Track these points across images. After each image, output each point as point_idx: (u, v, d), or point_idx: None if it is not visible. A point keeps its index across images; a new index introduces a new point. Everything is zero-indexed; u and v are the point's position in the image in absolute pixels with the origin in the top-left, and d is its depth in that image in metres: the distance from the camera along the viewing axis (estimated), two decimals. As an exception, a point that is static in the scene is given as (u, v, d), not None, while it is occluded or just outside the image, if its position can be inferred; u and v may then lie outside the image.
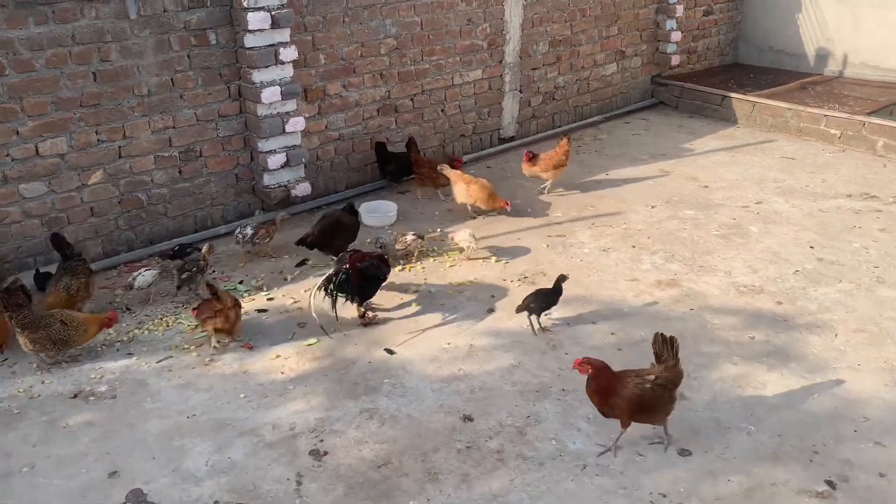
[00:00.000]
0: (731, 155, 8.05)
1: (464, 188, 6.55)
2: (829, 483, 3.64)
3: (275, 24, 6.00)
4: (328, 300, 5.00)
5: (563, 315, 5.11)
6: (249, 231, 5.85)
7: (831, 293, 5.30)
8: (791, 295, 5.31)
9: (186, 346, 4.86)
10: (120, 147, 5.80)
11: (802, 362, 4.55)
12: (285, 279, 5.72)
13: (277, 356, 4.76)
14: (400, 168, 7.16)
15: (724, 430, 4.02)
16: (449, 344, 4.84)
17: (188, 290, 5.37)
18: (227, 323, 4.77)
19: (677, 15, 9.47)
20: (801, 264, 5.71)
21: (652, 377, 3.76)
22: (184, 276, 5.32)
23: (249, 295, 5.50)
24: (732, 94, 9.10)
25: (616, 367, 4.38)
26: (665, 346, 3.84)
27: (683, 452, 3.88)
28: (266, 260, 5.98)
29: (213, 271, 5.83)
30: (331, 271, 5.07)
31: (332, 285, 4.98)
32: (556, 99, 8.79)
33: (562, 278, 4.95)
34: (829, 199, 6.85)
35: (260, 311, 5.30)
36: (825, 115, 8.30)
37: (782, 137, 8.52)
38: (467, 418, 4.15)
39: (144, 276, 5.33)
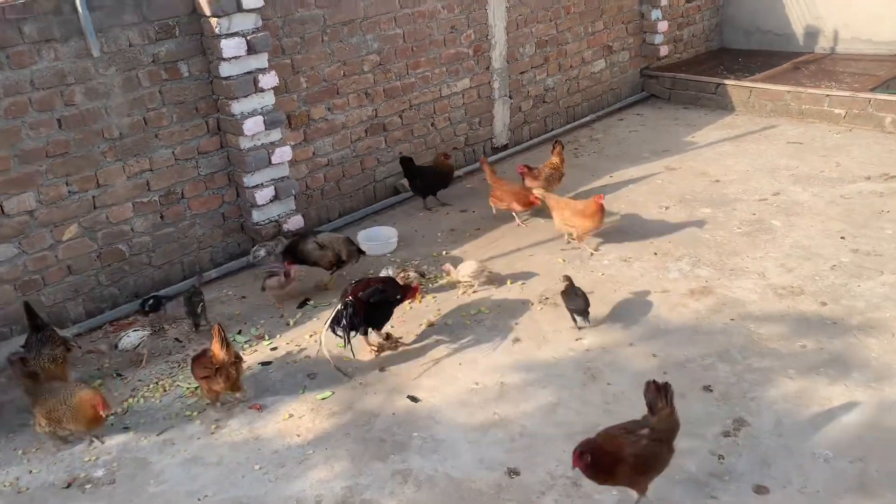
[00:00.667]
0: (735, 145, 7.70)
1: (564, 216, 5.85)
2: (931, 513, 3.26)
3: (251, 49, 5.54)
4: (340, 340, 4.57)
5: (598, 340, 4.70)
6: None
7: (876, 288, 4.94)
8: (834, 293, 4.94)
9: (188, 413, 4.39)
10: (94, 197, 5.32)
11: (865, 370, 4.18)
12: (287, 324, 5.26)
13: (290, 415, 4.30)
14: (427, 183, 6.76)
15: (797, 457, 3.63)
16: (477, 384, 4.41)
17: (206, 324, 5.07)
18: (227, 382, 4.31)
19: (662, 3, 9.13)
20: (837, 258, 5.35)
21: (646, 431, 3.30)
22: (198, 308, 5.07)
23: (250, 346, 5.04)
24: (727, 81, 8.77)
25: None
26: (659, 395, 3.39)
27: (760, 490, 3.48)
28: (265, 303, 5.51)
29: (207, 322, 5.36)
30: (335, 309, 4.63)
31: (340, 323, 4.54)
32: (547, 101, 8.41)
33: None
34: (849, 183, 6.51)
35: (264, 363, 4.84)
36: (827, 95, 7.98)
37: (784, 122, 8.19)
38: (513, 472, 3.72)
39: (130, 338, 4.86)
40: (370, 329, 4.74)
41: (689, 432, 3.83)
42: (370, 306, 4.63)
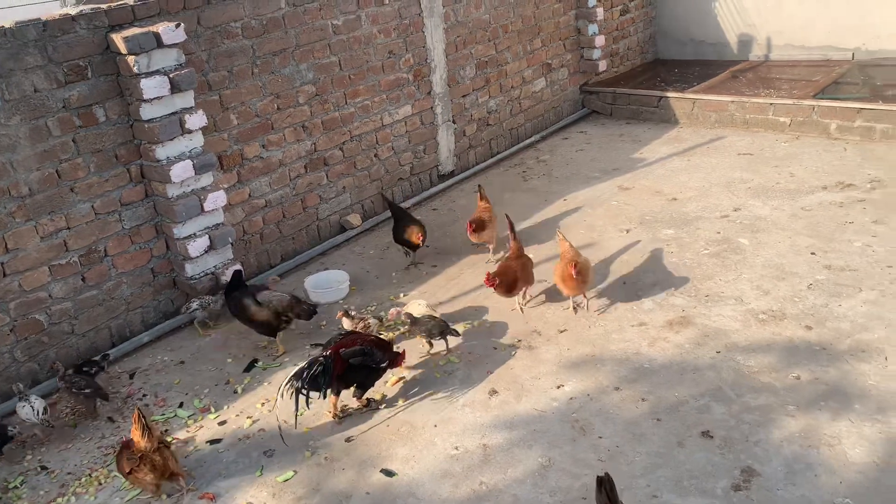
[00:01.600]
0: (686, 160, 7.53)
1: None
2: (973, 566, 2.99)
3: (175, 87, 5.00)
4: (294, 399, 4.05)
5: (580, 386, 4.34)
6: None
7: (858, 306, 4.75)
8: (817, 315, 4.72)
9: (129, 510, 3.82)
10: (3, 264, 4.67)
11: (866, 401, 3.93)
12: (235, 391, 4.72)
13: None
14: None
15: (818, 510, 3.33)
16: (457, 449, 3.98)
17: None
18: (156, 472, 3.75)
19: (598, 18, 8.96)
20: (812, 276, 5.15)
21: None
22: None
23: (195, 421, 4.48)
24: (670, 94, 8.63)
25: (658, 444, 3.69)
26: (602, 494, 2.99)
27: (786, 553, 3.15)
28: (207, 368, 4.96)
29: (144, 395, 4.78)
30: (305, 362, 4.12)
31: (303, 379, 4.03)
32: (491, 124, 8.08)
33: None
34: (807, 194, 6.38)
35: (212, 441, 4.29)
36: (771, 104, 7.91)
37: (730, 132, 8.08)
38: (512, 555, 3.31)
39: (30, 406, 4.27)
40: (342, 390, 4.25)
41: (697, 488, 3.52)
42: (349, 367, 4.15)
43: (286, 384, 4.03)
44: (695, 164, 7.38)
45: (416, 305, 5.05)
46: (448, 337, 4.73)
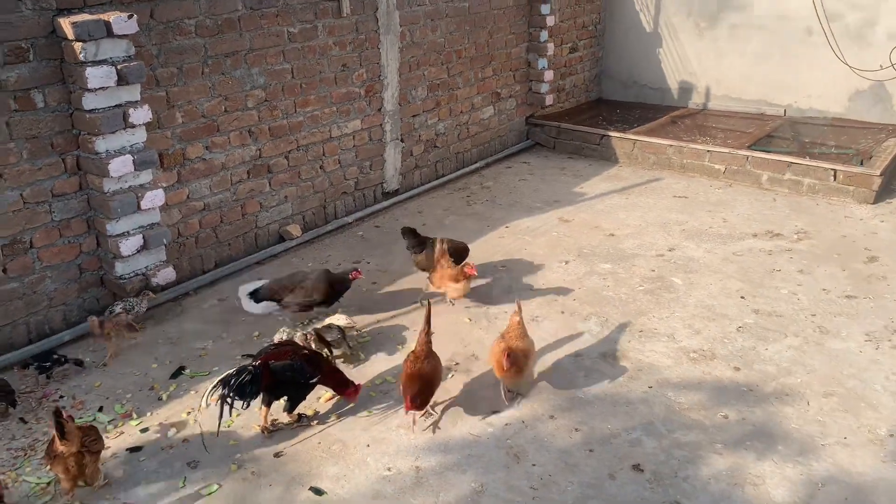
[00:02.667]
0: (624, 197, 7.71)
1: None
2: None
3: (122, 79, 4.84)
4: (219, 406, 3.91)
5: (516, 413, 4.34)
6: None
7: (783, 351, 4.93)
8: (745, 358, 4.87)
9: (38, 519, 3.59)
10: (-84, 247, 4.39)
11: (789, 443, 4.07)
12: (160, 398, 4.54)
13: (169, 517, 3.61)
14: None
15: (742, 548, 3.40)
16: (389, 470, 3.91)
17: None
18: (68, 474, 3.56)
19: (548, 53, 9.14)
20: (741, 319, 5.33)
21: None
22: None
23: (115, 427, 4.27)
24: (612, 133, 8.86)
25: (590, 475, 3.73)
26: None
27: (710, 589, 3.20)
28: (131, 371, 4.75)
29: (61, 396, 4.53)
30: (234, 369, 3.98)
31: (230, 386, 3.89)
32: (438, 146, 8.11)
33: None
34: (738, 240, 6.62)
35: (133, 449, 4.10)
36: (708, 151, 8.20)
37: (667, 175, 8.34)
38: (442, 581, 3.25)
39: None
40: (272, 402, 4.14)
41: (627, 521, 3.54)
42: (278, 380, 4.04)
43: (212, 390, 3.90)
44: (633, 202, 7.57)
45: (337, 319, 4.98)
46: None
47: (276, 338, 4.79)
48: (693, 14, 9.72)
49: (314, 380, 4.17)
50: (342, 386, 4.30)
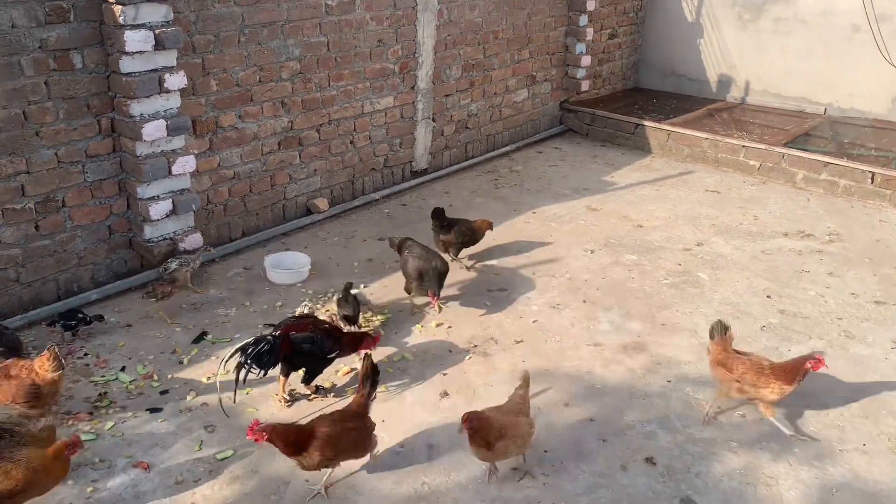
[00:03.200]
0: (655, 189, 7.63)
1: None
2: None
3: (159, 44, 4.87)
4: (236, 373, 3.95)
5: (532, 398, 4.33)
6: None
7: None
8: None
9: (57, 472, 3.67)
10: (-47, 200, 4.48)
11: (805, 447, 4.02)
12: (181, 362, 4.60)
13: (184, 478, 3.67)
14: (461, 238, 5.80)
15: (751, 547, 3.39)
16: (403, 447, 3.94)
17: None
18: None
19: (587, 38, 9.03)
20: (766, 318, 5.26)
21: None
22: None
23: (136, 387, 4.35)
24: (646, 123, 8.74)
25: (602, 465, 3.73)
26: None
27: (716, 586, 3.19)
28: (154, 334, 4.83)
29: (85, 354, 4.62)
30: (252, 338, 4.01)
31: (247, 354, 3.93)
32: (469, 127, 8.08)
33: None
34: (768, 238, 6.52)
35: (153, 410, 4.17)
36: (743, 146, 8.07)
37: (701, 168, 8.23)
38: (448, 559, 3.28)
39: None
40: (290, 373, 4.19)
41: (636, 513, 3.54)
42: (297, 351, 4.08)
43: (230, 357, 3.95)
44: (663, 194, 7.49)
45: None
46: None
47: (298, 311, 4.83)
48: (737, 5, 9.53)
49: (333, 355, 4.20)
50: (361, 344, 4.31)
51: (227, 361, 3.95)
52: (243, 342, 3.99)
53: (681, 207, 7.16)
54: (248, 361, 3.93)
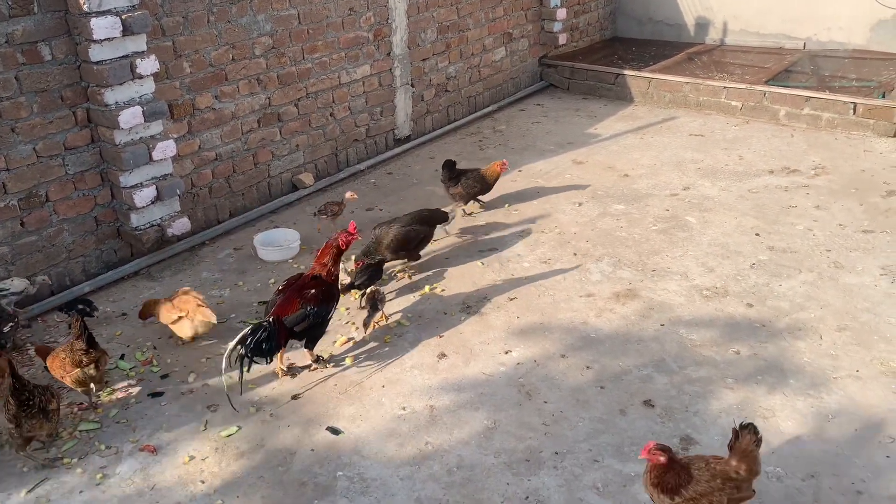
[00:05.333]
0: (639, 137, 7.62)
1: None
2: (891, 533, 3.15)
3: (127, 30, 4.81)
4: (239, 365, 3.97)
5: (528, 352, 4.39)
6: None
7: (797, 287, 4.91)
8: (758, 294, 4.86)
9: (66, 461, 3.73)
10: (-65, 203, 4.47)
11: (800, 377, 4.08)
12: (178, 345, 4.63)
13: (191, 457, 3.73)
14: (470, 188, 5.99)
15: (751, 478, 3.45)
16: (404, 409, 3.99)
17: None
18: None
19: (561, -9, 8.94)
20: (755, 255, 5.30)
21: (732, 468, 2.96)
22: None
23: (136, 374, 4.38)
24: (626, 72, 8.70)
25: (601, 411, 3.80)
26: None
27: (719, 518, 3.26)
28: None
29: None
30: (249, 327, 4.02)
31: (247, 346, 3.95)
32: (449, 91, 8.03)
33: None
34: (754, 177, 6.54)
35: (154, 394, 4.21)
36: (725, 87, 8.05)
37: (683, 113, 8.21)
38: (455, 513, 3.35)
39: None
40: (289, 341, 4.21)
41: (637, 455, 3.59)
42: (291, 333, 4.11)
43: (231, 349, 3.93)
44: (648, 142, 7.48)
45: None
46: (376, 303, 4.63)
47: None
48: (710, -55, 9.42)
49: (331, 314, 4.23)
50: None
51: (231, 355, 3.93)
52: (241, 333, 3.95)
53: (666, 154, 7.16)
54: (249, 354, 3.93)
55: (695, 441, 3.68)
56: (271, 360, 4.10)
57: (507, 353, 4.40)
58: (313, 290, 4.20)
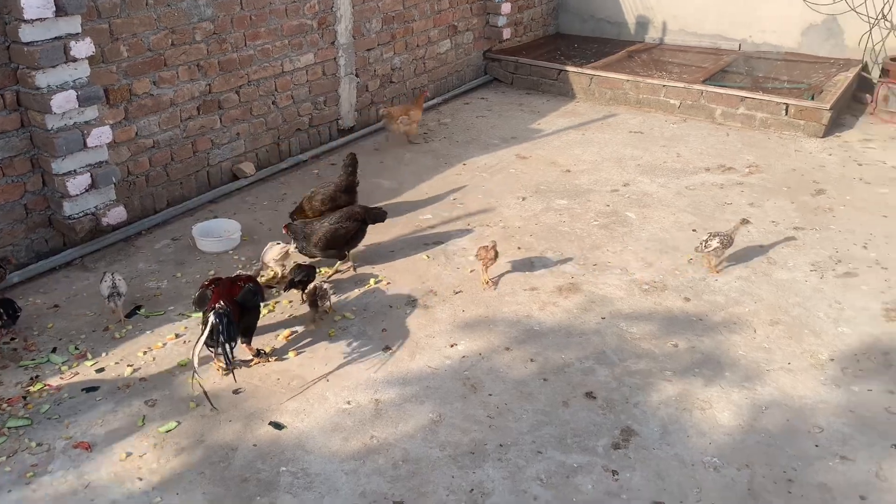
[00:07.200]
0: (581, 133, 7.73)
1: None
2: (819, 519, 3.29)
3: (60, 10, 4.63)
4: (209, 356, 3.93)
5: (473, 345, 4.42)
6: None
7: (732, 282, 5.07)
8: (695, 288, 5.00)
9: (-7, 459, 3.58)
10: None
11: (736, 370, 4.22)
12: (114, 338, 4.49)
13: (128, 454, 3.63)
14: None
15: (688, 468, 3.55)
16: (349, 403, 3.97)
17: None
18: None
19: (506, -15, 8.97)
20: (692, 251, 5.44)
21: None
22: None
23: (70, 368, 4.23)
24: (569, 68, 8.80)
25: (544, 403, 3.85)
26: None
27: (658, 507, 3.35)
28: (84, 312, 4.68)
29: (12, 339, 4.46)
30: (209, 320, 3.88)
31: (220, 336, 3.84)
32: (394, 82, 7.98)
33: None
34: (691, 174, 6.71)
35: (89, 389, 4.07)
36: (664, 86, 8.22)
37: (623, 110, 8.36)
38: (401, 507, 3.35)
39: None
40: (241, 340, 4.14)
41: (579, 446, 3.67)
42: (243, 311, 4.04)
43: (204, 342, 3.82)
44: (589, 138, 7.59)
45: (272, 249, 4.95)
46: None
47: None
48: (651, -54, 9.60)
49: (263, 300, 4.25)
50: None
51: (215, 357, 3.93)
52: (205, 332, 3.83)
53: (606, 150, 7.28)
54: (226, 341, 3.84)
55: (635, 432, 3.76)
56: (235, 345, 3.99)
57: (452, 346, 4.42)
58: (246, 275, 4.33)
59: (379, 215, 5.31)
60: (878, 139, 7.42)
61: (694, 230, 5.73)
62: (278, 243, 5.05)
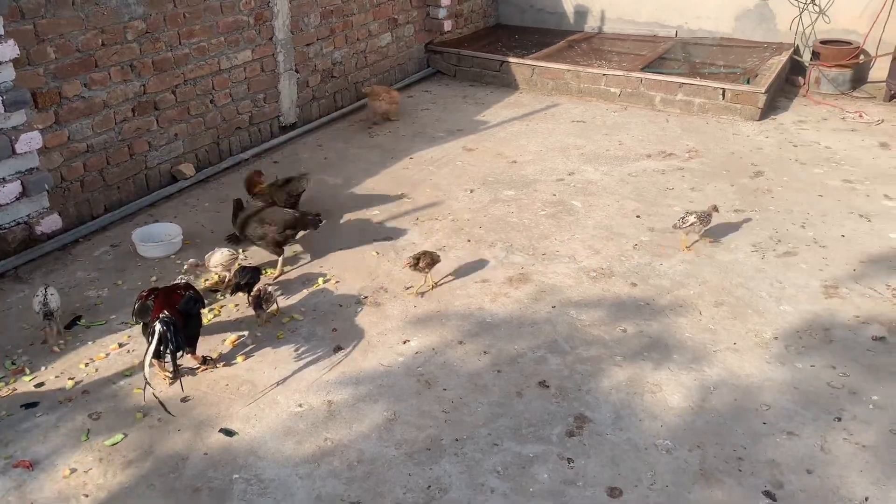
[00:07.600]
0: (525, 124, 7.76)
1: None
2: (769, 495, 3.37)
3: (-20, 11, 4.43)
4: (155, 368, 3.82)
5: (426, 341, 4.40)
6: None
7: (676, 265, 5.15)
8: (641, 273, 5.07)
9: (-73, 485, 3.42)
10: None
11: (683, 352, 4.29)
12: (53, 350, 4.34)
13: (72, 470, 3.51)
14: None
15: (642, 452, 3.60)
16: (301, 406, 3.91)
17: None
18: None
19: (444, -23, 8.94)
20: (637, 237, 5.52)
21: None
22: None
23: (6, 384, 4.07)
24: (510, 59, 8.82)
25: (498, 395, 3.86)
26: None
27: (613, 492, 3.39)
28: (20, 325, 4.51)
29: (-56, 357, 4.27)
30: (156, 330, 3.76)
31: (169, 345, 3.75)
32: (336, 76, 7.89)
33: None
34: (633, 161, 6.80)
35: (28, 405, 3.92)
36: (604, 75, 8.31)
37: (566, 100, 8.42)
38: (358, 508, 3.31)
39: None
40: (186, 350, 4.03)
41: (535, 435, 3.69)
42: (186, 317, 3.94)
43: (153, 353, 3.72)
44: (533, 128, 7.63)
45: (218, 254, 4.84)
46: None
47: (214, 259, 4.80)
48: (586, -65, 9.67)
49: (203, 307, 4.16)
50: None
51: (166, 365, 3.87)
52: (153, 341, 3.72)
53: (550, 140, 7.32)
54: (177, 349, 3.78)
55: (588, 419, 3.79)
56: (184, 354, 3.93)
57: (405, 342, 4.39)
58: (185, 283, 4.23)
59: (308, 222, 5.17)
60: (812, 120, 7.63)
61: (638, 216, 5.81)
62: (225, 250, 4.92)
